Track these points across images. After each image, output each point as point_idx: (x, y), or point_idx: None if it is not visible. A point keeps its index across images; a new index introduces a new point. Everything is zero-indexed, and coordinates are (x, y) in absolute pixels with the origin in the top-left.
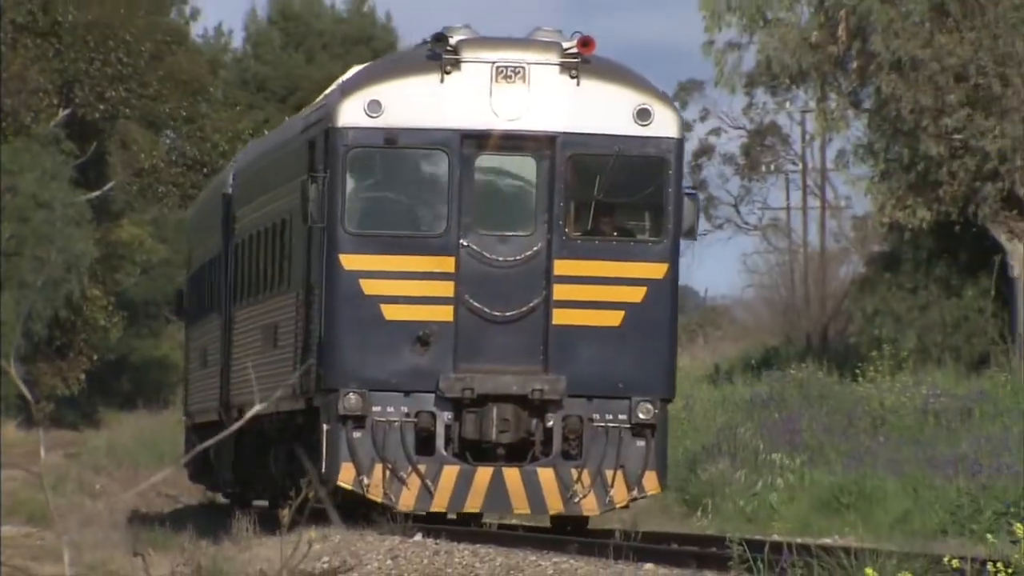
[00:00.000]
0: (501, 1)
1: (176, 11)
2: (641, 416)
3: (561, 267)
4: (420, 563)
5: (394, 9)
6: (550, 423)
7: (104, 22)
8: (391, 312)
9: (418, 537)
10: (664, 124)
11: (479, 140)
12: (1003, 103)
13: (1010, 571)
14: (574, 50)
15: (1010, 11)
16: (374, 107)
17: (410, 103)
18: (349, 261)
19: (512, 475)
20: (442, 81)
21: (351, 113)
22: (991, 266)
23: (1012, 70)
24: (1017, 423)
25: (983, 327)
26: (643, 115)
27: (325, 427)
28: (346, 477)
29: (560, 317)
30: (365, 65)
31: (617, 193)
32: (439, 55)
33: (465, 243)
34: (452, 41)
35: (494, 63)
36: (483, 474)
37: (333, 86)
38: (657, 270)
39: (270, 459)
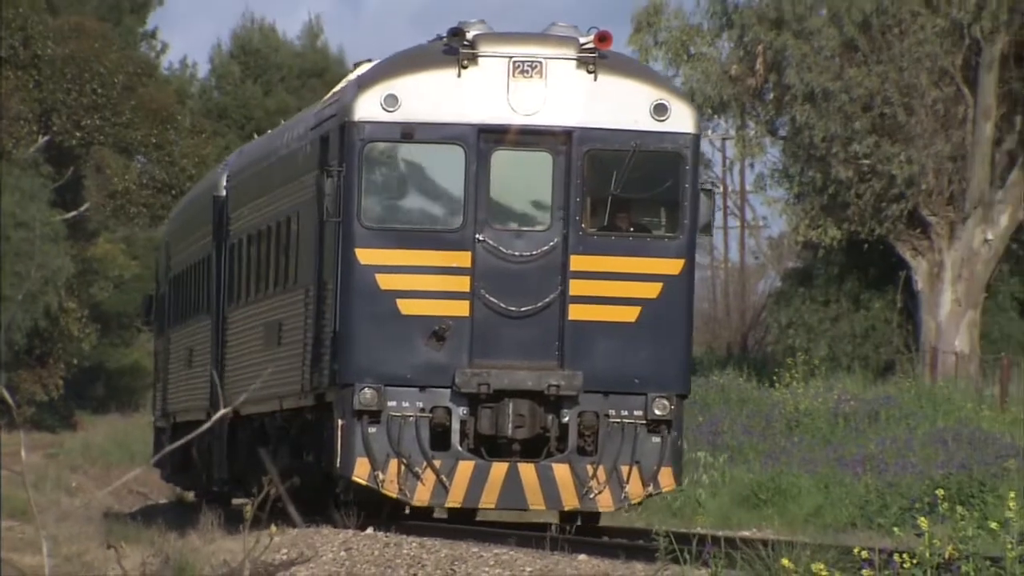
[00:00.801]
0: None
1: (146, 44)
2: (657, 412)
3: (577, 263)
4: (371, 554)
5: (345, 44)
6: (566, 419)
7: (80, 56)
8: (407, 307)
9: (370, 531)
10: (681, 119)
11: (496, 135)
12: (907, 131)
13: (915, 561)
14: (591, 45)
15: (914, 46)
16: (391, 101)
17: (427, 97)
18: (365, 255)
19: (527, 471)
20: (459, 75)
21: (368, 107)
22: (897, 281)
23: (916, 100)
24: (921, 425)
25: (889, 337)
26: (660, 110)
27: (340, 422)
28: (361, 472)
29: (576, 313)
30: (381, 59)
31: (633, 188)
32: (456, 49)
33: (481, 238)
34: (469, 36)
35: (511, 58)
36: (498, 470)
37: (343, 83)
38: (673, 266)
39: (268, 456)
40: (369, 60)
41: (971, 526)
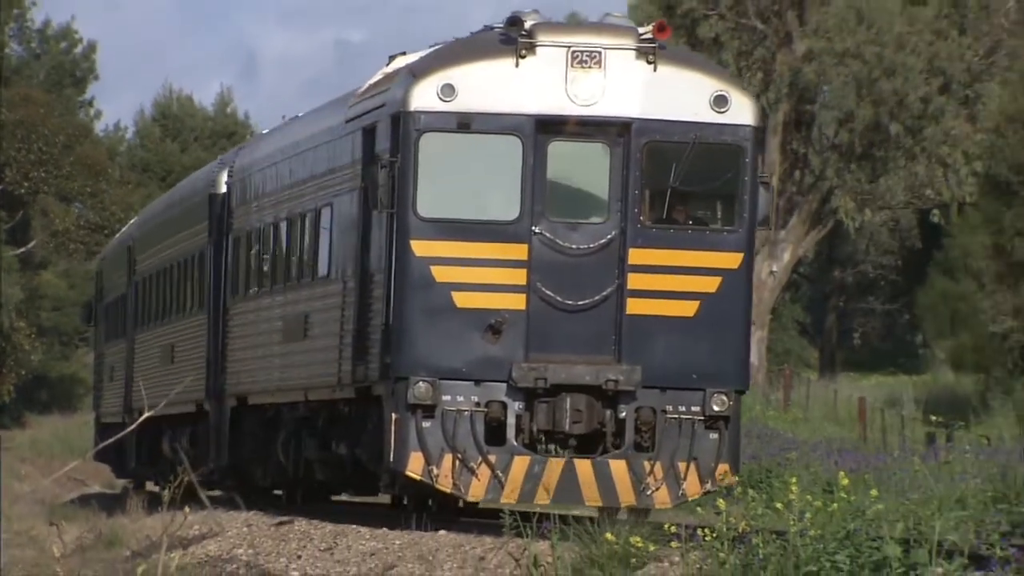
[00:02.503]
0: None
1: (84, 111)
2: (715, 408)
3: (635, 256)
4: (268, 530)
5: (251, 110)
6: (622, 414)
7: (28, 120)
8: (462, 300)
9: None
10: (741, 111)
11: (554, 125)
12: None
13: (715, 535)
14: (650, 35)
15: None
16: (447, 91)
17: (484, 87)
18: (420, 247)
19: (584, 467)
20: (517, 65)
21: (424, 97)
22: None
23: None
24: None
25: None
26: (720, 102)
27: (393, 416)
28: (415, 467)
29: (634, 307)
30: (434, 48)
31: (692, 181)
32: (514, 39)
33: (538, 230)
34: (527, 25)
35: (570, 47)
36: (554, 465)
37: (379, 75)
38: (732, 260)
39: (278, 447)
40: (403, 53)
41: (760, 506)
